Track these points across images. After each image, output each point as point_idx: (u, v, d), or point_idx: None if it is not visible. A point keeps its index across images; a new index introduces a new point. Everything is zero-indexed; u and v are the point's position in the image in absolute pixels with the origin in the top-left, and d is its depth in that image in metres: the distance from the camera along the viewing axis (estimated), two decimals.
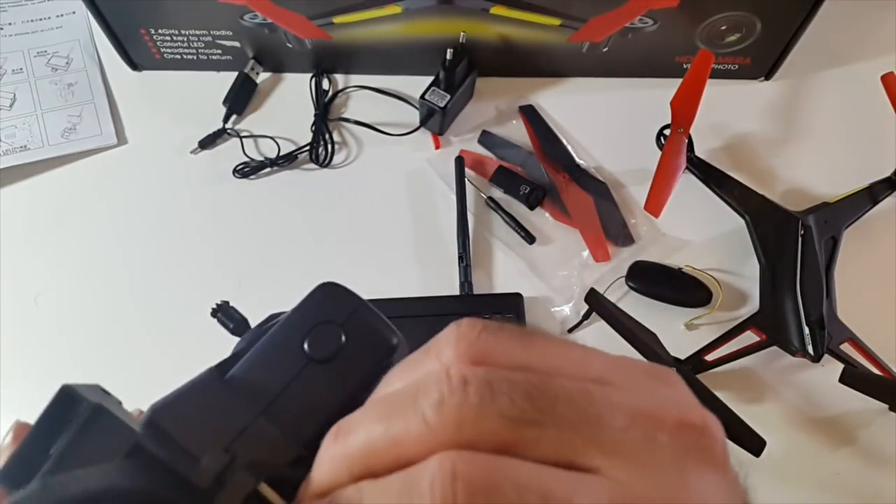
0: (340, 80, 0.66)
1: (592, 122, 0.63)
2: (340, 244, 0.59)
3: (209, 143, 0.63)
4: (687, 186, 0.58)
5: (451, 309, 0.55)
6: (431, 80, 0.61)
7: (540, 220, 0.60)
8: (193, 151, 0.63)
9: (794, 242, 0.53)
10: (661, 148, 0.59)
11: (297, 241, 0.59)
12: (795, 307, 0.51)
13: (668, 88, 0.57)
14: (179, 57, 0.64)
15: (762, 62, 0.63)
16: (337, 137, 0.63)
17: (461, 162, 0.60)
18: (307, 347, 0.20)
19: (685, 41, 0.60)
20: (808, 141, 0.62)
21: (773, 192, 0.59)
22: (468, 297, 0.55)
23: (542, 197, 0.59)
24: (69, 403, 0.18)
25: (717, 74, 0.62)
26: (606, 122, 0.63)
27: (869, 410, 0.51)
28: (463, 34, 0.60)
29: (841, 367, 0.48)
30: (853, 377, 0.48)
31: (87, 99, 0.65)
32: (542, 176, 0.61)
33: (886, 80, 0.57)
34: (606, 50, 0.62)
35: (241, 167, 0.61)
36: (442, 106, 0.59)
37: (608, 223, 0.59)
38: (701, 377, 0.52)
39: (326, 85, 0.65)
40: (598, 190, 0.60)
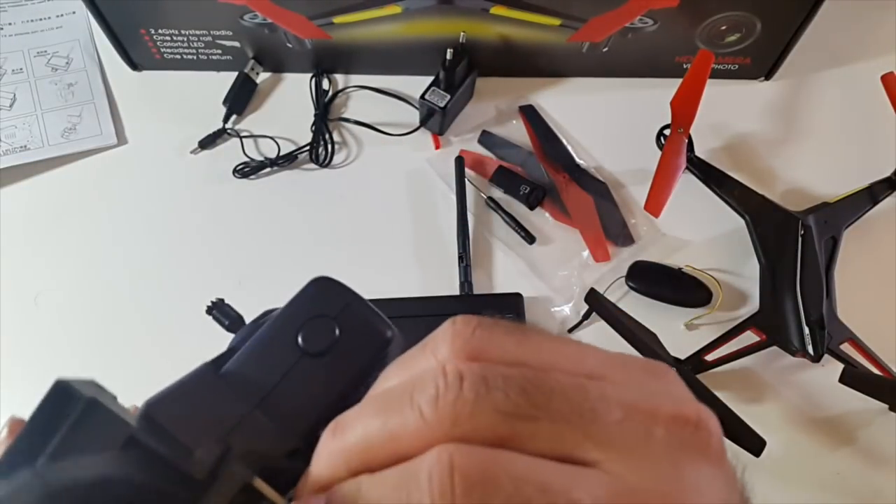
0: (340, 80, 0.66)
1: (592, 122, 0.63)
2: (340, 244, 0.59)
3: (209, 143, 0.63)
4: (687, 186, 0.58)
5: (450, 309, 0.54)
6: (431, 80, 0.61)
7: (540, 220, 0.59)
8: (193, 151, 0.63)
9: (794, 242, 0.53)
10: (661, 148, 0.59)
11: (297, 241, 0.59)
12: (795, 307, 0.51)
13: (668, 88, 0.57)
14: (179, 57, 0.65)
15: (762, 62, 0.63)
16: (337, 137, 0.63)
17: (461, 162, 0.60)
18: (301, 341, 0.20)
19: (685, 41, 0.60)
20: (808, 141, 0.62)
21: (773, 192, 0.59)
22: (468, 297, 0.55)
23: (542, 197, 0.59)
24: (64, 398, 0.18)
25: (717, 74, 0.62)
26: (606, 122, 0.63)
27: (869, 410, 0.51)
28: (463, 34, 0.60)
29: (841, 367, 0.48)
30: (853, 377, 0.48)
31: (87, 99, 0.65)
32: (542, 176, 0.61)
33: (886, 80, 0.57)
34: (606, 50, 0.62)
35: (241, 167, 0.61)
36: (442, 106, 0.60)
37: (608, 223, 0.59)
38: (701, 377, 0.52)
39: (326, 85, 0.65)
40: (598, 190, 0.60)
